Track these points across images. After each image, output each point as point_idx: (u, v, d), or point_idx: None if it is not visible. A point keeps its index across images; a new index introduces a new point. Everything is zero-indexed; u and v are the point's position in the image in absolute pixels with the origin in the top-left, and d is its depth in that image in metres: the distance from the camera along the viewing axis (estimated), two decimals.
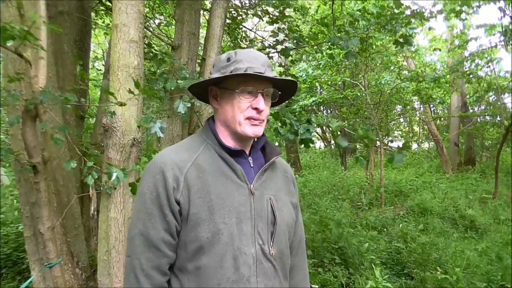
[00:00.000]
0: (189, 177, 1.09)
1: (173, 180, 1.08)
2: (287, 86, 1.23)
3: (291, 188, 1.30)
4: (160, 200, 1.08)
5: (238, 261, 1.07)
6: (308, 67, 9.33)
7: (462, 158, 13.40)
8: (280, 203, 1.19)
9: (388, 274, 4.31)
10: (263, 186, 1.17)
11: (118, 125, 1.98)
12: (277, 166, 1.28)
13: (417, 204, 7.38)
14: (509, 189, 8.76)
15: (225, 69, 1.14)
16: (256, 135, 1.15)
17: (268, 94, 1.17)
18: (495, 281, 3.94)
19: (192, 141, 1.22)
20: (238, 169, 1.14)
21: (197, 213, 1.07)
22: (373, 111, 9.04)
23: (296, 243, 1.32)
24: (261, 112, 1.14)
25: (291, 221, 1.23)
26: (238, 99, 1.13)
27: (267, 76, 1.12)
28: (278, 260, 1.15)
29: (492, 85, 11.79)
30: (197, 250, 1.07)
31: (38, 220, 2.17)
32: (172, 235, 1.10)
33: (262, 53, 1.21)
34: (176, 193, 1.07)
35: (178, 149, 1.18)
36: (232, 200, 1.10)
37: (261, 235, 1.11)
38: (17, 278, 3.75)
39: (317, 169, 12.69)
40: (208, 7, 4.46)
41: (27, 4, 2.09)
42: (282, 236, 1.17)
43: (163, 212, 1.08)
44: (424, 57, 13.19)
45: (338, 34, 3.74)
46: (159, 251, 1.08)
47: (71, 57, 3.16)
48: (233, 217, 1.08)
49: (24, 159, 2.16)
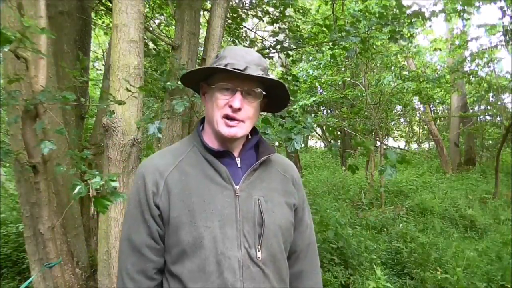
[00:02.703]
0: (170, 180, 1.08)
1: (153, 184, 1.07)
2: (279, 90, 1.15)
3: (290, 189, 1.22)
4: (141, 205, 1.08)
5: (221, 265, 1.02)
6: (308, 67, 9.33)
7: (462, 158, 13.39)
8: (271, 204, 1.12)
9: (388, 274, 4.31)
10: (251, 186, 1.12)
11: (118, 125, 1.98)
12: (273, 166, 1.21)
13: (417, 204, 7.38)
14: (509, 189, 8.75)
15: (212, 66, 1.11)
16: (232, 136, 1.09)
17: (250, 94, 1.09)
18: (495, 281, 3.94)
19: (180, 144, 1.20)
20: (223, 170, 1.10)
21: (178, 216, 1.04)
22: (373, 111, 9.04)
23: (304, 247, 1.25)
24: (237, 111, 1.07)
25: (286, 222, 1.15)
26: (216, 96, 1.09)
27: (247, 74, 1.05)
28: (269, 264, 1.08)
29: (492, 85, 11.78)
30: (180, 254, 1.05)
31: (38, 220, 2.17)
32: (155, 239, 1.08)
33: (255, 52, 1.15)
34: (155, 198, 1.07)
35: (165, 153, 1.17)
36: (215, 202, 1.06)
37: (247, 238, 1.06)
38: (17, 278, 3.75)
39: (317, 169, 12.69)
40: (208, 7, 4.45)
41: (27, 4, 2.09)
42: (272, 239, 1.10)
43: (144, 217, 1.08)
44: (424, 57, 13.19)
45: (339, 34, 3.75)
46: (143, 256, 1.08)
47: (71, 57, 3.16)
48: (216, 220, 1.04)
49: (24, 159, 2.16)
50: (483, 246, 5.22)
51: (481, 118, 14.81)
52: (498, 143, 10.47)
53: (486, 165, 13.14)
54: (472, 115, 13.47)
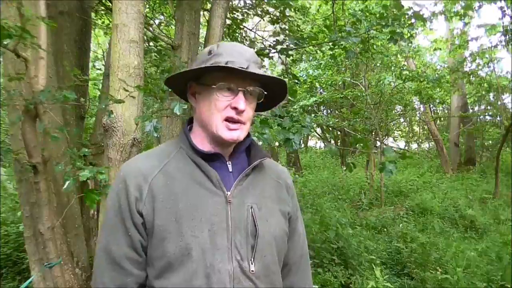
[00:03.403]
0: (155, 185, 0.97)
1: (136, 189, 0.97)
2: (276, 88, 1.08)
3: (283, 196, 1.14)
4: (122, 212, 0.96)
5: (211, 279, 0.93)
6: (308, 67, 9.33)
7: (462, 158, 13.41)
8: (264, 212, 1.04)
9: (388, 274, 4.31)
10: (243, 193, 1.03)
11: (118, 125, 1.98)
12: (265, 171, 1.13)
13: (417, 204, 7.39)
14: (509, 189, 8.75)
15: (205, 63, 1.01)
16: (234, 140, 1.01)
17: (252, 94, 1.02)
18: (495, 281, 3.94)
19: (167, 146, 1.10)
20: (213, 175, 1.00)
21: (163, 225, 0.94)
22: (373, 111, 9.04)
23: (296, 258, 1.17)
24: (241, 113, 1.00)
25: (281, 232, 1.07)
26: (216, 97, 1.00)
27: (250, 73, 0.97)
28: (263, 278, 1.00)
29: (492, 85, 11.78)
30: (165, 267, 0.94)
31: (38, 220, 2.17)
32: (137, 251, 0.97)
33: (250, 48, 1.07)
34: (138, 204, 0.96)
35: (148, 156, 1.07)
36: (205, 209, 0.97)
37: (239, 250, 0.97)
38: (17, 278, 3.75)
39: (317, 169, 12.70)
40: (208, 7, 4.45)
41: (27, 4, 2.09)
42: (267, 250, 1.01)
43: (126, 225, 0.96)
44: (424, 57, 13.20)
45: (339, 34, 3.76)
46: (123, 269, 0.96)
47: (71, 57, 3.16)
48: (205, 229, 0.95)
49: (24, 159, 2.16)
50: (483, 246, 5.22)
51: (481, 118, 14.81)
52: (498, 143, 10.47)
53: (486, 165, 13.15)
54: (472, 115, 13.49)
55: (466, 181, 10.23)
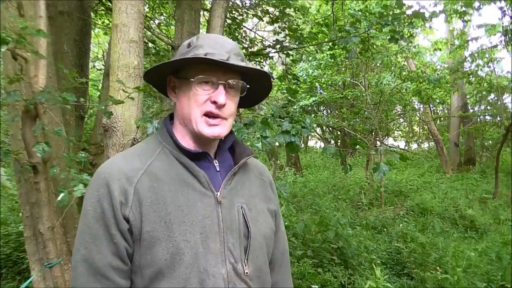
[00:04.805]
0: (141, 188, 0.91)
1: (120, 193, 0.90)
2: (261, 80, 1.04)
3: (269, 193, 1.12)
4: (106, 218, 0.89)
5: (205, 284, 0.89)
6: (308, 67, 9.33)
7: (462, 158, 13.41)
8: (254, 212, 1.02)
9: (388, 274, 4.32)
10: (232, 193, 1.00)
11: (118, 125, 1.98)
12: (250, 169, 1.10)
13: (417, 204, 7.39)
14: (509, 189, 8.75)
15: (185, 56, 0.97)
16: (215, 136, 0.97)
17: (233, 87, 0.97)
18: (495, 281, 3.95)
19: (147, 145, 1.03)
20: (201, 175, 0.96)
21: (152, 230, 0.89)
22: (373, 111, 9.04)
23: (278, 256, 1.15)
24: (221, 108, 0.95)
25: (269, 231, 1.06)
26: (195, 91, 0.95)
27: (231, 64, 0.93)
28: (256, 279, 0.97)
29: (492, 85, 11.79)
30: (155, 275, 0.89)
31: (38, 220, 2.17)
32: (123, 259, 0.90)
33: (231, 40, 1.03)
34: (124, 209, 0.89)
35: (129, 156, 0.99)
36: (195, 212, 0.92)
37: (232, 252, 0.94)
38: (17, 278, 3.75)
39: (317, 169, 12.70)
40: (208, 7, 4.45)
41: (27, 4, 2.09)
42: (259, 251, 0.99)
43: (110, 232, 0.89)
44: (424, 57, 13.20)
45: (339, 34, 3.77)
46: (107, 280, 0.89)
47: (71, 57, 3.16)
48: (197, 233, 0.91)
49: (24, 159, 2.16)
50: (483, 246, 5.23)
51: (481, 118, 14.81)
52: (498, 143, 10.47)
53: (486, 165, 13.15)
54: (472, 115, 13.48)
55: (466, 181, 10.24)
